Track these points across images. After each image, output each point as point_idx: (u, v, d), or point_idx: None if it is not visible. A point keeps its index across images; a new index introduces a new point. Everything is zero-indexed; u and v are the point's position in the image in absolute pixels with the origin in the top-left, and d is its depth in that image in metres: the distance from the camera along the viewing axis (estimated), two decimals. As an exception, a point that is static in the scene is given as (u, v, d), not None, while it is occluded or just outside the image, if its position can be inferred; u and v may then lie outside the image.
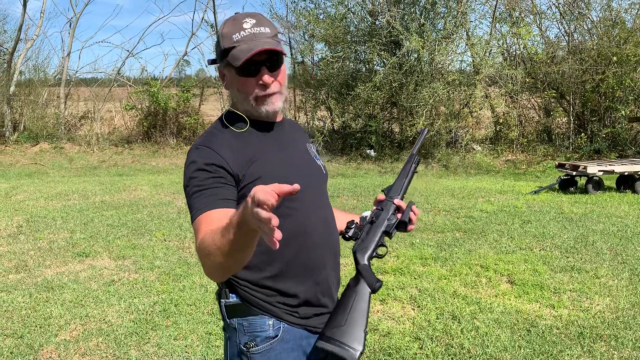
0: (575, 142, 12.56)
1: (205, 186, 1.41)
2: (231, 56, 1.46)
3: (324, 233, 1.59)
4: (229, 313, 1.52)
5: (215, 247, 1.24)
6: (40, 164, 12.86)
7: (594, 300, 4.05)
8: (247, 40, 1.45)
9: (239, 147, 1.48)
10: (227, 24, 1.48)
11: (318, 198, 1.61)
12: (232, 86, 1.53)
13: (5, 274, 4.85)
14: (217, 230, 1.25)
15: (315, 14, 13.81)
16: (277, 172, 1.49)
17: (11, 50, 15.22)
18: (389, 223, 1.66)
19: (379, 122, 13.11)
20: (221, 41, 1.48)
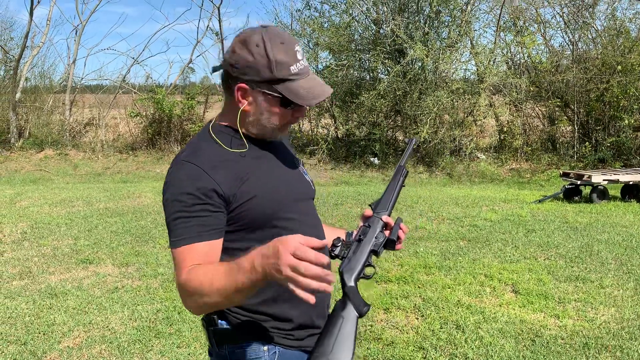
0: (580, 151, 12.54)
1: (191, 213, 1.31)
2: (289, 91, 1.36)
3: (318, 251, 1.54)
4: (219, 340, 1.44)
5: (213, 289, 1.21)
6: (45, 171, 12.90)
7: (599, 311, 4.03)
8: (303, 74, 1.38)
9: (229, 164, 1.38)
10: (277, 47, 1.34)
11: (310, 216, 1.55)
12: (257, 107, 1.40)
13: (9, 281, 4.86)
14: (216, 271, 1.22)
15: (319, 23, 13.87)
16: (271, 191, 1.42)
17: (17, 57, 15.31)
18: (377, 242, 1.57)
19: (383, 130, 13.12)
20: (272, 66, 1.34)
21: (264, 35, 1.35)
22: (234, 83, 1.38)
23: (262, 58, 1.34)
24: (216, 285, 1.21)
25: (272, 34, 1.36)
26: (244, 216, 1.37)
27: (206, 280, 1.22)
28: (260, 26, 1.39)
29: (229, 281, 1.19)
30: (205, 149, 1.40)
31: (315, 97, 1.38)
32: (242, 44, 1.36)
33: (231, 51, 1.38)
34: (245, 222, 1.38)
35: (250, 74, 1.36)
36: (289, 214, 1.44)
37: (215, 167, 1.35)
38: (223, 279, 1.20)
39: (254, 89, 1.38)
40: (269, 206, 1.39)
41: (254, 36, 1.35)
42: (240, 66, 1.36)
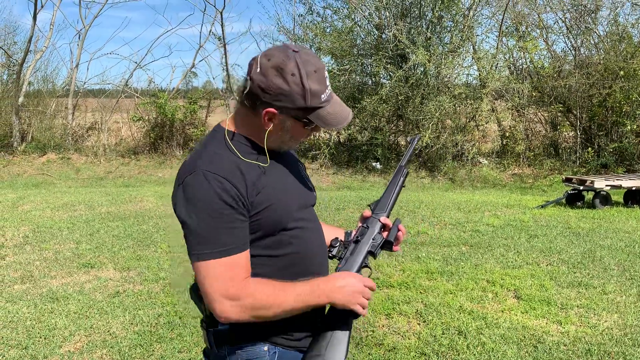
0: (582, 157, 12.52)
1: (226, 224, 1.35)
2: (318, 117, 1.41)
3: (321, 257, 1.57)
4: (219, 342, 1.47)
5: (279, 307, 1.38)
6: (47, 175, 12.92)
7: (601, 317, 4.01)
8: (330, 100, 1.43)
9: (246, 174, 1.40)
10: (311, 76, 1.37)
11: (313, 222, 1.58)
12: (283, 130, 1.44)
13: (10, 284, 4.85)
14: (284, 291, 1.38)
15: (322, 27, 13.91)
16: (281, 199, 1.45)
17: (21, 62, 15.37)
18: (374, 243, 1.59)
19: (385, 135, 13.12)
20: (307, 97, 1.37)
21: (298, 63, 1.36)
22: (262, 106, 1.39)
23: (297, 87, 1.36)
24: (284, 304, 1.38)
25: (305, 61, 1.37)
26: (259, 224, 1.41)
27: (275, 299, 1.37)
28: (292, 49, 1.39)
29: (298, 302, 1.39)
30: (222, 157, 1.41)
31: (340, 122, 1.44)
32: (277, 71, 1.36)
33: (262, 74, 1.37)
34: (258, 230, 1.42)
35: (283, 101, 1.38)
36: (296, 221, 1.48)
37: (236, 176, 1.37)
38: (291, 301, 1.38)
39: (282, 114, 1.40)
40: (279, 214, 1.43)
41: (289, 64, 1.36)
42: (273, 92, 1.37)
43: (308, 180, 1.63)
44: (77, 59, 16.41)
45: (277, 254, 1.46)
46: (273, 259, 1.45)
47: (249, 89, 1.39)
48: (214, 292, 1.35)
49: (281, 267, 1.46)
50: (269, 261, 1.45)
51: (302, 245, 1.50)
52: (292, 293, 1.38)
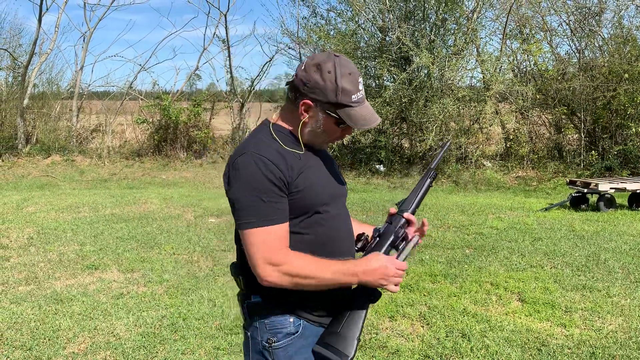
0: (587, 159, 12.49)
1: (271, 197, 1.54)
2: (348, 116, 1.59)
3: (348, 242, 1.74)
4: (252, 312, 1.66)
5: (316, 278, 1.55)
6: (52, 176, 12.96)
7: (606, 320, 4.00)
8: (361, 102, 1.61)
9: (287, 159, 1.59)
10: (345, 77, 1.57)
11: (344, 211, 1.77)
12: (316, 122, 1.62)
13: (15, 286, 4.87)
14: (324, 266, 1.55)
15: (325, 30, 13.92)
16: (317, 185, 1.64)
17: (26, 64, 15.43)
18: (396, 237, 1.74)
19: (389, 138, 13.12)
20: (338, 93, 1.56)
21: (336, 63, 1.57)
22: (301, 97, 1.60)
23: (331, 84, 1.56)
24: (321, 276, 1.54)
25: (342, 64, 1.58)
26: (295, 203, 1.59)
27: (314, 270, 1.54)
28: (334, 54, 1.60)
29: (334, 278, 1.56)
30: (266, 143, 1.61)
31: (367, 123, 1.62)
32: (317, 68, 1.57)
33: (304, 70, 1.59)
34: (294, 209, 1.60)
35: (318, 94, 1.58)
36: (327, 207, 1.66)
37: (278, 158, 1.57)
38: (329, 275, 1.55)
39: (317, 107, 1.60)
40: (314, 197, 1.62)
41: (328, 63, 1.57)
42: (311, 86, 1.58)
43: (340, 175, 1.81)
44: (81, 61, 16.48)
45: (309, 232, 1.63)
46: (306, 236, 1.63)
47: (292, 83, 1.62)
48: (259, 258, 1.54)
49: (312, 244, 1.63)
50: (302, 238, 1.62)
51: (332, 228, 1.67)
52: (329, 269, 1.55)
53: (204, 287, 4.77)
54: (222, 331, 3.85)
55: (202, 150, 14.67)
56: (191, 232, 6.89)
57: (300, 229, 1.62)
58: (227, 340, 3.70)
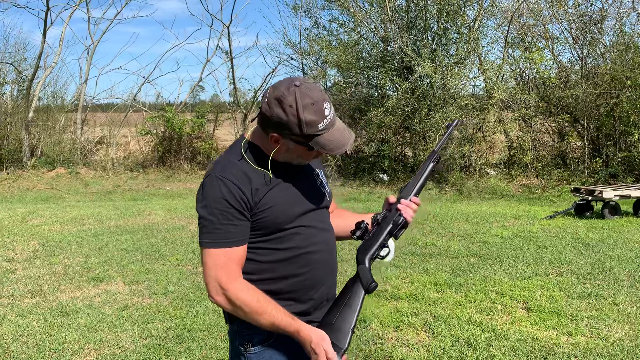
0: (591, 167, 12.46)
1: (230, 220, 1.58)
2: (317, 144, 1.58)
3: (325, 253, 1.73)
4: (230, 316, 1.68)
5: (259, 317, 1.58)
6: (57, 189, 13.01)
7: (612, 328, 3.98)
8: (330, 128, 1.59)
9: (253, 180, 1.61)
10: (308, 108, 1.54)
11: (321, 222, 1.75)
12: (288, 151, 1.63)
13: (20, 298, 4.88)
14: (271, 308, 1.58)
15: (328, 41, 14.00)
16: (284, 204, 1.64)
17: (30, 78, 15.56)
18: (394, 225, 1.74)
19: (392, 147, 13.13)
20: (302, 127, 1.55)
21: (297, 96, 1.54)
22: (269, 130, 1.60)
23: (294, 118, 1.55)
24: (259, 318, 1.58)
25: (304, 94, 1.55)
26: (261, 223, 1.62)
27: (257, 307, 1.58)
28: (294, 84, 1.56)
29: (270, 326, 1.59)
30: (235, 164, 1.63)
31: (338, 147, 1.61)
32: (278, 102, 1.56)
33: (267, 104, 1.58)
34: (261, 228, 1.63)
35: (283, 128, 1.57)
36: (297, 222, 1.66)
37: (242, 180, 1.59)
38: (268, 323, 1.59)
39: (285, 138, 1.60)
40: (280, 216, 1.63)
41: (289, 97, 1.54)
42: (275, 121, 1.57)
43: (322, 186, 1.81)
44: (85, 74, 16.60)
45: (280, 247, 1.65)
46: (277, 251, 1.65)
47: (260, 113, 1.62)
48: (209, 276, 1.60)
49: (284, 258, 1.65)
50: (273, 252, 1.65)
51: (304, 241, 1.67)
52: (272, 316, 1.58)
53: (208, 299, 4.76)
54: (227, 342, 3.84)
55: (206, 161, 14.72)
56: (196, 243, 6.90)
57: (270, 244, 1.64)
58: (232, 351, 3.69)
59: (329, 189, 1.85)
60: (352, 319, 1.63)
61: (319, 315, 1.72)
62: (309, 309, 1.71)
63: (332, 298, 1.77)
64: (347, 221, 1.90)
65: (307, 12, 14.81)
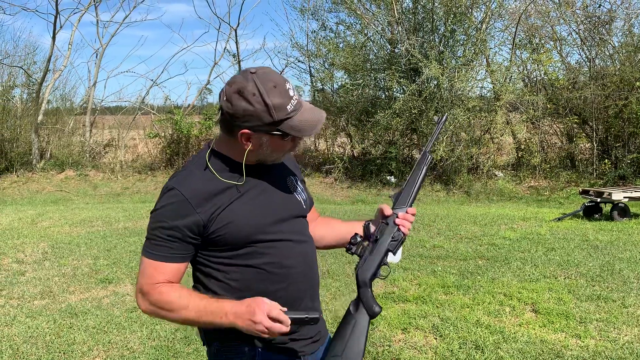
0: (599, 168, 12.39)
1: (167, 237, 1.51)
2: (291, 128, 1.48)
3: (302, 267, 1.62)
4: (207, 338, 1.61)
5: (181, 314, 1.49)
6: (66, 191, 13.10)
7: (621, 331, 3.96)
8: (298, 109, 1.49)
9: (213, 193, 1.52)
10: (271, 92, 1.44)
11: (296, 233, 1.63)
12: (261, 147, 1.52)
13: (30, 300, 4.92)
14: (190, 303, 1.48)
15: (335, 43, 14.01)
16: (248, 217, 1.54)
17: (40, 81, 15.68)
18: (393, 241, 1.63)
19: (399, 149, 13.12)
20: (272, 112, 1.45)
21: (257, 82, 1.45)
22: (236, 129, 1.49)
23: (260, 105, 1.44)
24: (184, 313, 1.48)
25: (263, 79, 1.46)
26: (220, 239, 1.52)
27: (178, 304, 1.49)
28: (249, 72, 1.48)
29: (197, 317, 1.48)
30: (196, 176, 1.54)
31: (312, 127, 1.50)
32: (239, 95, 1.45)
33: (227, 101, 1.47)
34: (225, 244, 1.53)
35: (252, 121, 1.47)
36: (268, 235, 1.55)
37: (198, 196, 1.50)
38: (193, 313, 1.48)
39: (256, 132, 1.49)
40: (244, 230, 1.52)
41: (248, 86, 1.45)
42: (240, 115, 1.46)
43: (298, 193, 1.68)
44: (94, 77, 16.71)
45: (252, 264, 1.55)
46: (249, 268, 1.55)
47: (221, 117, 1.51)
48: (137, 284, 1.55)
49: (257, 275, 1.55)
50: (245, 270, 1.55)
51: (278, 255, 1.57)
52: (195, 306, 1.48)
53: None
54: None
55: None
56: (203, 245, 6.92)
57: (241, 261, 1.54)
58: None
59: (305, 196, 1.71)
60: (360, 349, 1.54)
61: (307, 332, 1.62)
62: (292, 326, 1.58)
63: (317, 309, 1.66)
64: (335, 230, 1.80)
65: (314, 14, 14.85)
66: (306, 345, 1.63)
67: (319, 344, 1.68)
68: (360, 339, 1.55)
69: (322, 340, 1.69)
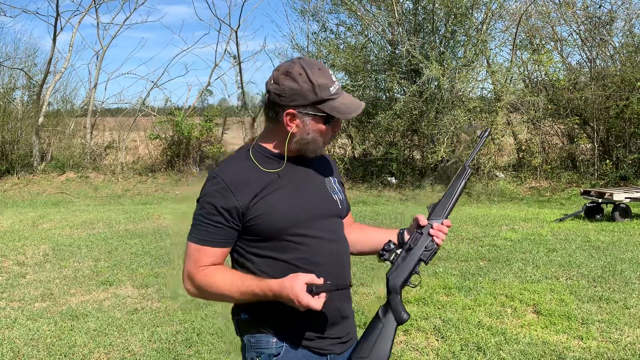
0: (600, 169, 12.38)
1: (211, 222, 1.58)
2: (332, 108, 1.56)
3: (333, 266, 1.63)
4: (241, 329, 1.68)
5: (224, 293, 1.57)
6: (67, 193, 13.10)
7: (623, 332, 3.94)
8: (340, 94, 1.58)
9: (253, 182, 1.58)
10: (317, 73, 1.54)
11: (329, 233, 1.66)
12: (304, 129, 1.58)
13: (31, 302, 4.91)
14: (233, 283, 1.55)
15: (335, 44, 14.01)
16: (285, 209, 1.58)
17: (41, 83, 15.69)
18: (426, 251, 1.66)
19: (400, 150, 13.11)
20: (316, 90, 1.53)
21: (302, 64, 1.55)
22: (282, 110, 1.56)
23: (306, 84, 1.53)
24: (228, 294, 1.57)
25: (308, 62, 1.57)
26: (255, 228, 1.57)
27: (221, 285, 1.57)
28: (297, 57, 1.59)
29: (243, 296, 1.55)
30: (237, 165, 1.62)
31: (353, 110, 1.58)
32: (286, 75, 1.55)
33: (275, 83, 1.56)
34: (259, 233, 1.58)
35: (297, 99, 1.54)
36: (304, 229, 1.59)
37: (239, 183, 1.57)
38: (237, 295, 1.56)
39: (301, 113, 1.56)
40: (278, 222, 1.57)
41: (295, 67, 1.55)
42: (287, 94, 1.54)
43: (335, 193, 1.72)
44: (95, 79, 16.72)
45: (282, 258, 1.59)
46: (279, 261, 1.59)
47: (268, 101, 1.59)
48: (184, 268, 1.63)
49: (286, 270, 1.56)
50: (273, 263, 1.59)
51: (308, 252, 1.60)
52: (241, 286, 1.54)
53: (217, 302, 4.77)
54: (236, 346, 3.84)
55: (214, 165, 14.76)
56: (204, 247, 6.91)
57: (271, 253, 1.59)
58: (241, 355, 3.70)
59: (343, 197, 1.75)
60: (385, 353, 1.57)
61: (334, 332, 1.64)
62: (324, 324, 1.62)
63: (347, 315, 1.69)
64: (368, 236, 1.82)
65: (314, 16, 14.85)
66: (334, 345, 1.66)
67: (347, 346, 1.70)
68: (387, 343, 1.58)
69: (350, 343, 1.71)
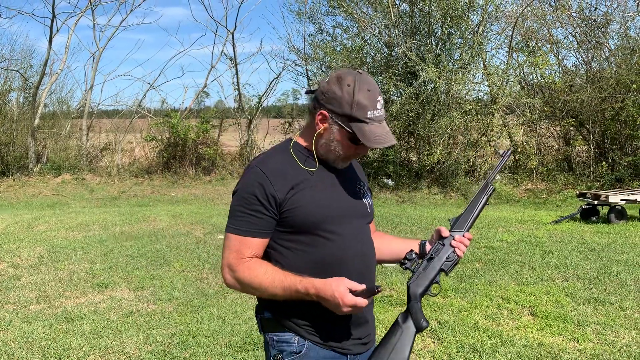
0: (596, 171, 12.41)
1: (252, 212, 1.61)
2: (360, 131, 1.59)
3: (359, 266, 1.68)
4: (264, 327, 1.70)
5: (267, 289, 1.58)
6: (62, 195, 13.06)
7: (619, 334, 3.95)
8: (377, 122, 1.61)
9: (290, 175, 1.63)
10: (363, 92, 1.58)
11: (358, 233, 1.71)
12: (330, 134, 1.63)
13: (26, 305, 4.89)
14: (274, 279, 1.57)
15: (332, 46, 14.01)
16: (318, 204, 1.63)
17: (36, 84, 15.64)
18: (447, 261, 1.70)
19: (396, 152, 13.12)
20: (353, 106, 1.58)
21: (356, 78, 1.60)
22: (319, 107, 1.63)
23: (348, 95, 1.59)
24: (271, 291, 1.58)
25: (363, 80, 1.60)
26: (288, 220, 1.62)
27: (263, 279, 1.58)
28: (358, 71, 1.63)
29: (285, 294, 1.57)
30: (275, 158, 1.66)
31: (379, 142, 1.61)
32: (337, 80, 1.61)
33: (327, 82, 1.63)
34: (292, 225, 1.62)
35: (334, 104, 1.61)
36: (335, 226, 1.64)
37: (277, 175, 1.61)
38: (279, 292, 1.57)
39: (331, 118, 1.61)
40: (313, 216, 1.62)
41: (349, 76, 1.61)
42: (329, 96, 1.61)
43: (364, 197, 1.78)
44: (91, 80, 16.69)
45: (311, 251, 1.63)
46: (307, 255, 1.63)
47: (314, 93, 1.66)
48: (224, 259, 1.65)
49: (314, 264, 1.62)
50: (303, 255, 1.63)
51: (338, 250, 1.64)
52: (283, 283, 1.57)
53: (213, 305, 4.76)
54: (232, 349, 3.84)
55: (210, 167, 14.74)
56: (200, 249, 6.90)
57: (300, 246, 1.63)
58: (237, 357, 3.69)
59: (371, 202, 1.81)
60: (405, 358, 1.61)
61: (356, 333, 1.68)
62: (348, 325, 1.66)
63: (368, 317, 1.73)
64: (390, 245, 1.85)
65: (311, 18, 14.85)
66: (354, 345, 1.69)
67: (367, 347, 1.74)
68: (405, 349, 1.61)
69: (370, 345, 1.75)
